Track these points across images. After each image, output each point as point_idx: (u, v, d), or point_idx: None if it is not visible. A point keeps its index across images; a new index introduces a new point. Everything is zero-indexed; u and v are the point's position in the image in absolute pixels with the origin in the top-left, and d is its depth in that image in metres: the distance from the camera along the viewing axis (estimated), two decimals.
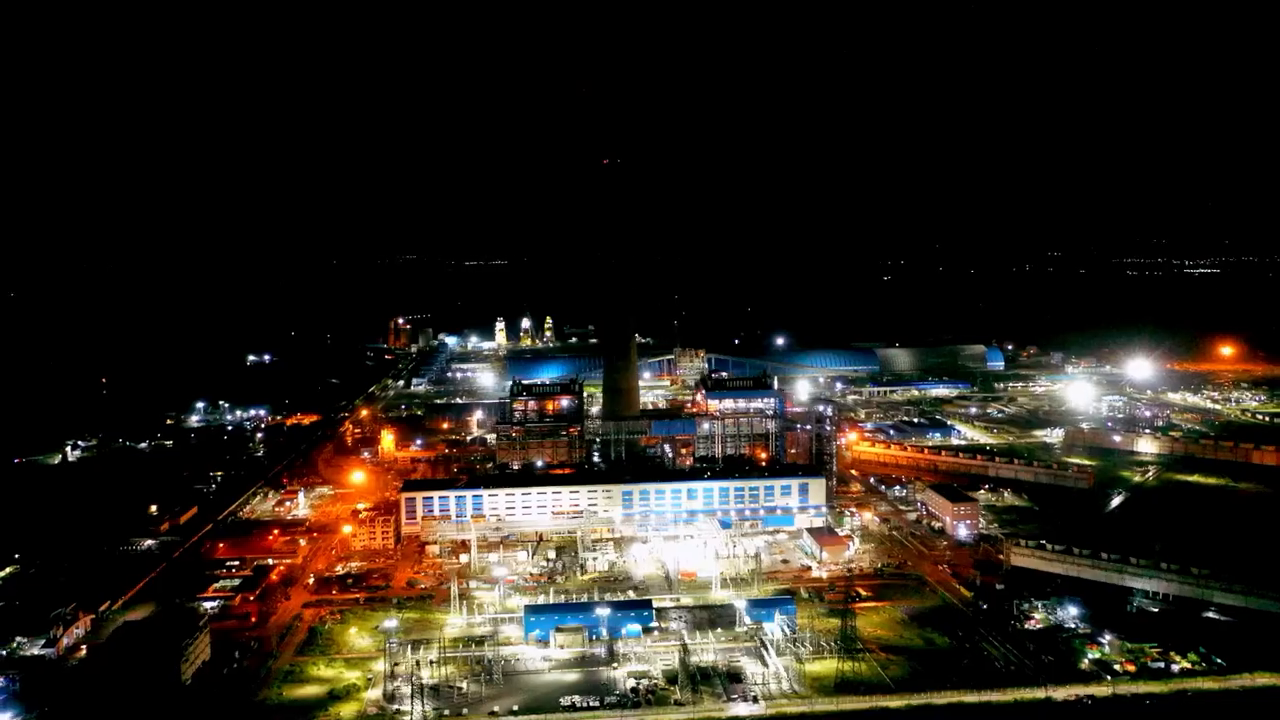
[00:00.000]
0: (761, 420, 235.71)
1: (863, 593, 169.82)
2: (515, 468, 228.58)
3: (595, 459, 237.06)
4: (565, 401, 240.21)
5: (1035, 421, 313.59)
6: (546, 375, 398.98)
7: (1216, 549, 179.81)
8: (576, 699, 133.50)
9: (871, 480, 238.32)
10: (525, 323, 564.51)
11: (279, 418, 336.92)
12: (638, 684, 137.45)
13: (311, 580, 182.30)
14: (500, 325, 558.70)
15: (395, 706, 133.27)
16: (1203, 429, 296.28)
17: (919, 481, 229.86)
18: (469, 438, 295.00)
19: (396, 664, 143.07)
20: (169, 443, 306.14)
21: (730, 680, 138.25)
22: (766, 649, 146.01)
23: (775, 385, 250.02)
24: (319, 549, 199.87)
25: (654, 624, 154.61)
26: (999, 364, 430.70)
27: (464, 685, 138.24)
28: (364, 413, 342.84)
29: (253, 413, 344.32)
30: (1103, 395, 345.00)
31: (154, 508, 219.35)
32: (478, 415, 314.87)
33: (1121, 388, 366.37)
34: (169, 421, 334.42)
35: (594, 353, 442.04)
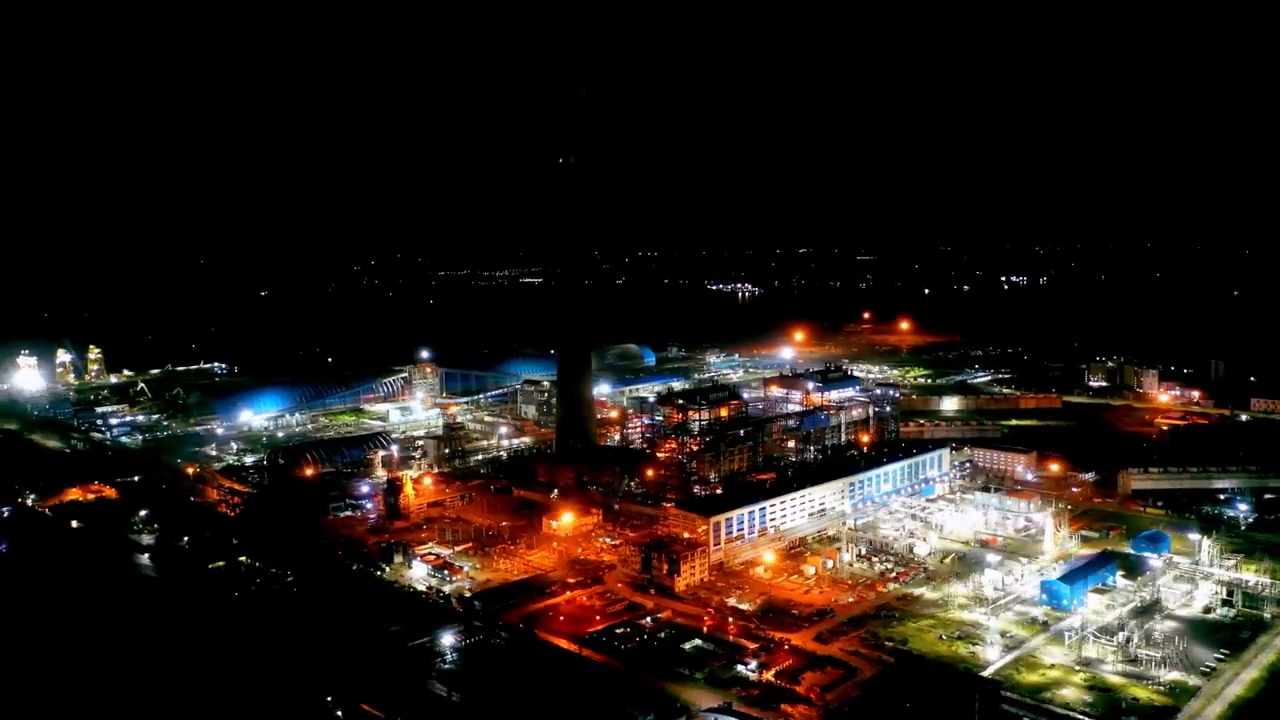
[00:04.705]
0: (853, 408, 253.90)
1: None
2: (713, 479, 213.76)
3: None
4: (733, 407, 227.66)
5: None
6: (272, 409, 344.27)
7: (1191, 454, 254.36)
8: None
9: None
10: (65, 357, 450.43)
11: (39, 501, 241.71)
12: (1223, 615, 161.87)
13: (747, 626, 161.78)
14: (29, 360, 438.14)
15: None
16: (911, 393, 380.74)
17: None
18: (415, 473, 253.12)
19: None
20: None
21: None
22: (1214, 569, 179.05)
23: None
24: (651, 599, 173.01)
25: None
26: (652, 360, 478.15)
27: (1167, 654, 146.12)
28: (191, 470, 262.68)
29: None
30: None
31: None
32: (387, 452, 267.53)
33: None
34: None
35: (301, 379, 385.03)
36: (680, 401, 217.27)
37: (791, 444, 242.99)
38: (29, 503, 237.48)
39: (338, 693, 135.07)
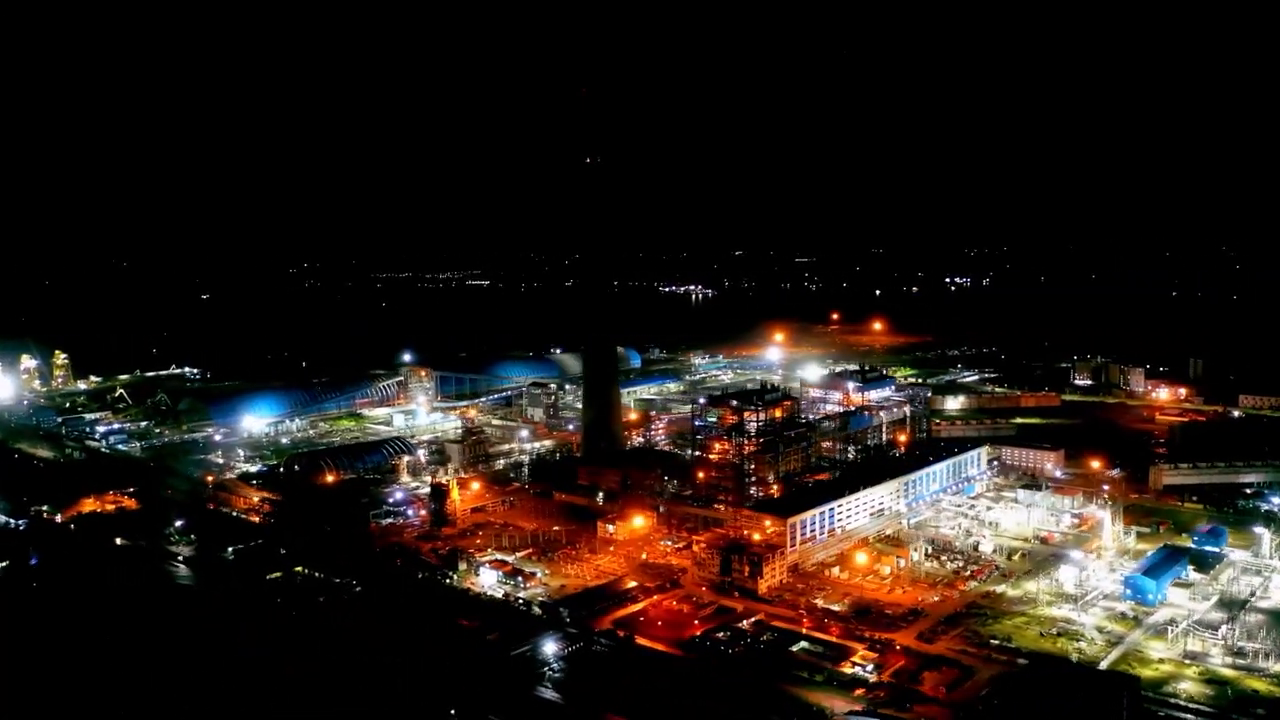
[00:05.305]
0: (892, 407, 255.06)
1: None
2: (771, 480, 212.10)
3: None
4: (785, 408, 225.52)
5: None
6: (268, 414, 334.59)
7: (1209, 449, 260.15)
8: None
9: None
10: (30, 362, 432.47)
11: (53, 512, 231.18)
12: None
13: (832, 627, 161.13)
14: None
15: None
16: None
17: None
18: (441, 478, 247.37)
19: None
20: None
21: None
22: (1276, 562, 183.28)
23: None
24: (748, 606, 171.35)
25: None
26: (638, 362, 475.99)
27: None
28: (210, 479, 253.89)
29: None
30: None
31: None
32: (413, 457, 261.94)
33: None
34: None
35: (293, 383, 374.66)
36: (735, 403, 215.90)
37: (827, 444, 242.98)
38: (57, 517, 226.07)
39: (460, 704, 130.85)
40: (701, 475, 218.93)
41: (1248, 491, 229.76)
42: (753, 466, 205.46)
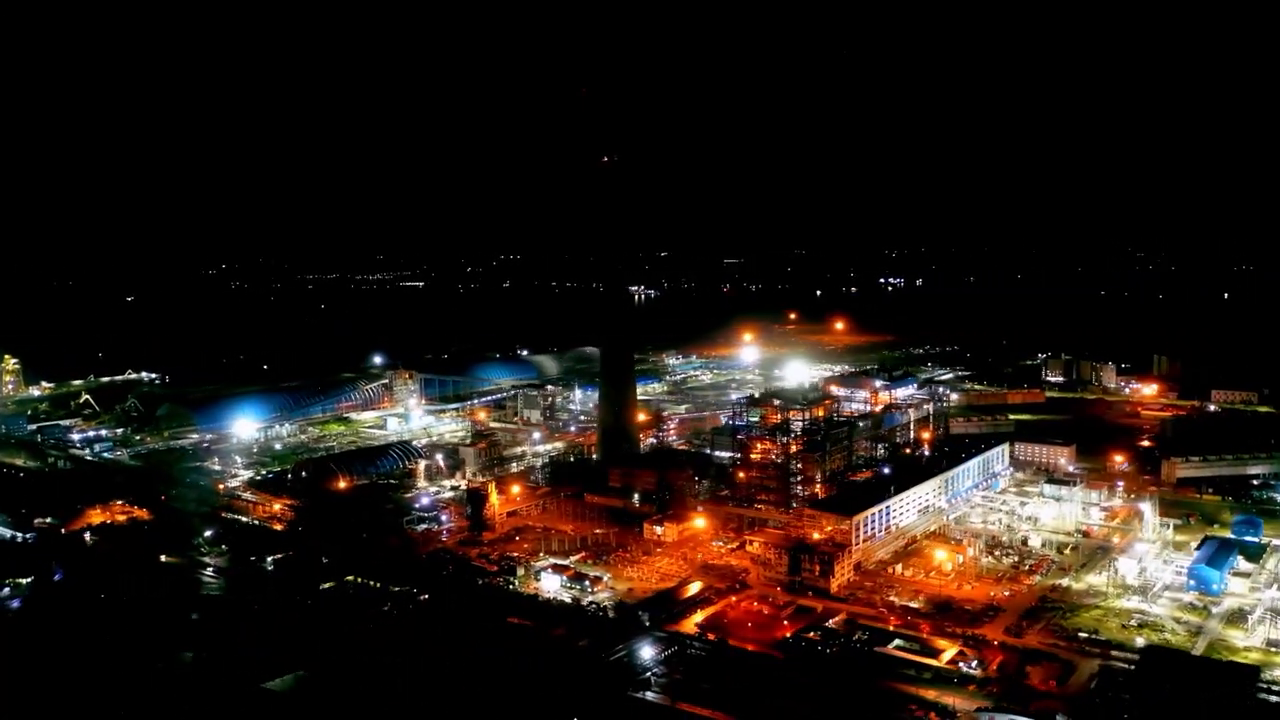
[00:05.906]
0: (917, 405, 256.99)
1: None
2: (818, 480, 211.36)
3: None
4: (827, 407, 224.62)
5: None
6: (253, 419, 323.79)
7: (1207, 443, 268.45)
8: None
9: None
10: None
11: (59, 524, 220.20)
12: None
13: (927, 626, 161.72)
14: None
15: None
16: None
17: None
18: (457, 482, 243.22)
19: None
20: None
21: None
22: None
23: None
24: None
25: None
26: None
27: None
28: (221, 487, 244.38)
29: None
30: (811, 371, 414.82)
31: None
32: (430, 461, 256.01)
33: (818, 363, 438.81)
34: None
35: (274, 387, 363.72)
36: (779, 402, 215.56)
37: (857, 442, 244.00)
38: (81, 531, 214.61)
39: (581, 711, 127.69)
40: (742, 475, 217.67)
41: (1255, 483, 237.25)
42: (800, 466, 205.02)
